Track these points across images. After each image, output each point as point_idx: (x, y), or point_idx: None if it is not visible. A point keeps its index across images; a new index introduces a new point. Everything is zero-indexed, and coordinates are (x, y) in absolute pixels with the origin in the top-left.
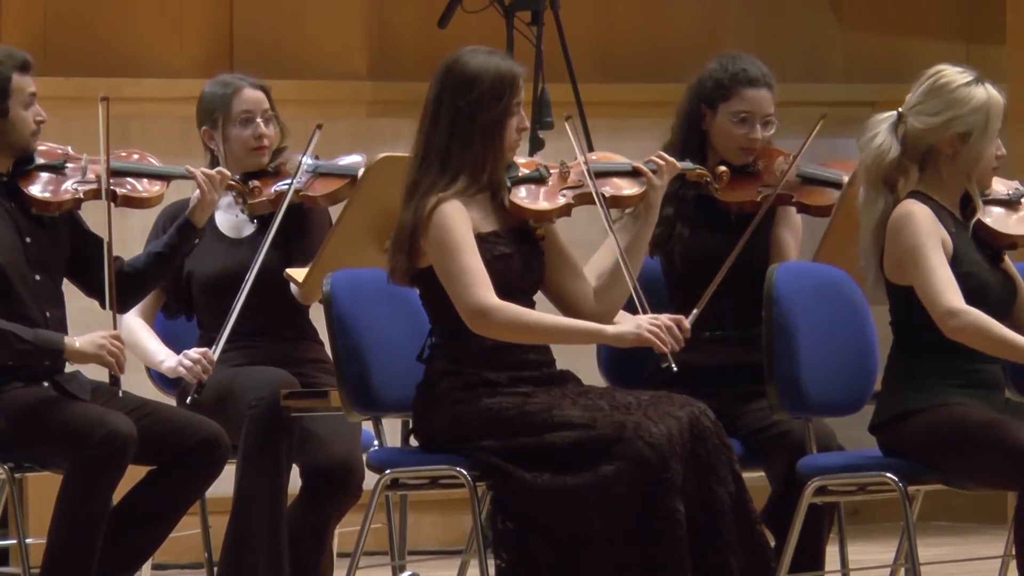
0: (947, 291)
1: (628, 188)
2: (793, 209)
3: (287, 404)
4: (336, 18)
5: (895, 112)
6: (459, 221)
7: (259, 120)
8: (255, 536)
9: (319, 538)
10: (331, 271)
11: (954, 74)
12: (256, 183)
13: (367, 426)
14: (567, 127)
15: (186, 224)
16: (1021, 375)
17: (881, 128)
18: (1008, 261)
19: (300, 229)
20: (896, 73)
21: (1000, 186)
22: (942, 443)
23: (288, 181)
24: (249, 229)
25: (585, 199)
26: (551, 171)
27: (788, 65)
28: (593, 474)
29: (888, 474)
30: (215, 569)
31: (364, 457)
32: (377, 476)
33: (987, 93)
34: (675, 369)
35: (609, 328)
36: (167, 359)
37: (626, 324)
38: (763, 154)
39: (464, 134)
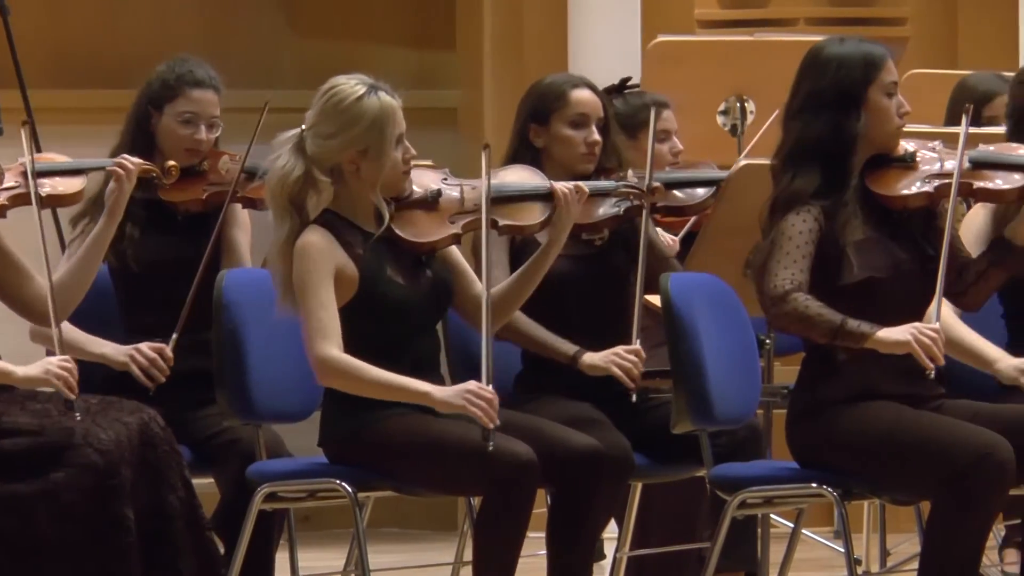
0: (319, 336)
1: (68, 187)
2: (240, 206)
3: None
4: None
5: (299, 130)
6: None
7: None
8: None
9: None
10: None
11: (346, 90)
12: None
13: None
14: (21, 133)
15: None
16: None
17: (284, 149)
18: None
19: None
20: None
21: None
22: (387, 451)
23: None
24: None
25: (21, 200)
26: None
27: (240, 70)
28: (43, 481)
29: (337, 481)
30: None
31: None
32: None
33: (380, 102)
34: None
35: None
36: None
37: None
38: (209, 155)
39: None
